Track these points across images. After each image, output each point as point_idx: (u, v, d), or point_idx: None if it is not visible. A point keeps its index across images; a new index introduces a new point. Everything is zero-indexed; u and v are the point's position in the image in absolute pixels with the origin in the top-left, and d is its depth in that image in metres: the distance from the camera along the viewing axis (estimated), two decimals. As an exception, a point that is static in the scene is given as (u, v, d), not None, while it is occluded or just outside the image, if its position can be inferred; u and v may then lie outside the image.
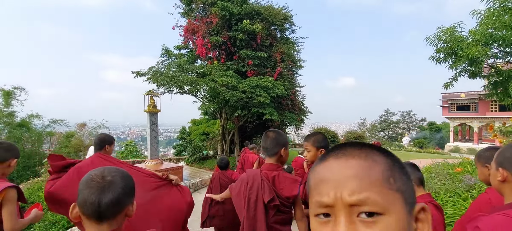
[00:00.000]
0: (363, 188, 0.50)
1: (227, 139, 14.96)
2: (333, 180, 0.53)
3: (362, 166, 0.53)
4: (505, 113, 30.83)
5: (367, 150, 0.57)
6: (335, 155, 0.58)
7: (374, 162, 0.54)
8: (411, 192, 0.55)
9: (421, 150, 34.72)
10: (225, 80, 11.33)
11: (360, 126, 50.71)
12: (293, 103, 14.33)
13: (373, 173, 0.52)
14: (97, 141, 2.86)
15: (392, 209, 0.50)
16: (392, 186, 0.52)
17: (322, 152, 2.15)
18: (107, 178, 1.09)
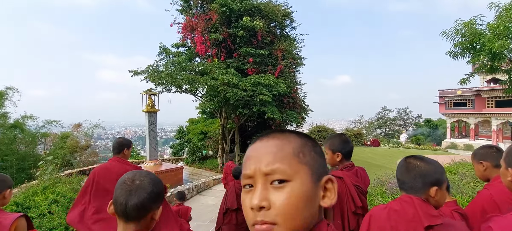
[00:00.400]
0: (276, 160, 0.62)
1: (228, 139, 14.63)
2: (255, 157, 0.66)
3: (277, 144, 0.66)
4: (501, 109, 30.97)
5: (286, 133, 0.70)
6: (261, 138, 0.70)
7: (289, 141, 0.67)
8: (319, 166, 0.67)
9: (418, 146, 34.81)
10: (226, 79, 10.99)
11: (357, 123, 50.71)
12: (294, 101, 14.05)
13: (285, 149, 0.65)
14: (116, 145, 2.85)
15: (298, 177, 0.62)
16: (301, 159, 0.64)
17: (339, 156, 2.12)
18: (136, 182, 1.16)
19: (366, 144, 33.09)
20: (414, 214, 1.33)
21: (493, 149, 1.96)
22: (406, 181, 1.44)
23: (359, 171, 2.21)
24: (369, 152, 27.97)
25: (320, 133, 30.05)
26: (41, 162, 8.56)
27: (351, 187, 2.02)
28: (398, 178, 1.48)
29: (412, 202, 1.37)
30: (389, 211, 1.42)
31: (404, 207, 1.39)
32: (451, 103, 36.07)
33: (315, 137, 30.23)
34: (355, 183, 2.06)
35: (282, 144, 0.66)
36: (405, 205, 1.39)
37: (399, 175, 1.47)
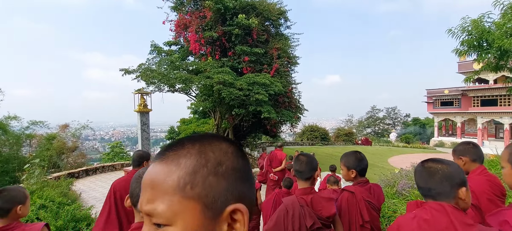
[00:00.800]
0: (154, 197, 0.50)
1: (222, 139, 14.33)
2: (142, 186, 0.54)
3: (162, 171, 0.52)
4: (486, 108, 31.79)
5: (182, 151, 0.54)
6: (158, 155, 0.57)
7: (177, 165, 0.52)
8: (219, 194, 0.52)
9: (408, 145, 35.41)
10: (222, 77, 10.70)
11: (348, 123, 51.19)
12: (289, 101, 13.89)
13: (168, 180, 0.51)
14: (136, 157, 2.89)
15: (180, 220, 0.49)
16: (187, 193, 0.50)
17: (353, 173, 2.21)
18: None
19: (357, 143, 33.39)
20: (448, 223, 1.24)
21: (470, 145, 2.10)
22: (432, 187, 1.32)
23: (373, 188, 2.29)
24: (361, 151, 28.24)
25: (312, 132, 30.13)
26: (28, 164, 8.07)
27: (361, 201, 2.11)
28: (421, 185, 1.36)
29: (444, 210, 1.27)
30: (418, 221, 1.31)
31: (435, 216, 1.28)
32: (439, 103, 36.82)
33: (307, 136, 30.27)
34: (367, 199, 2.15)
35: (167, 170, 0.52)
36: (436, 214, 1.28)
37: (421, 182, 1.36)
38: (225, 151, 0.56)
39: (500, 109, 30.50)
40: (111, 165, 14.91)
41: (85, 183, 12.27)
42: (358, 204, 2.13)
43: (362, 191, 2.17)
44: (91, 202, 9.35)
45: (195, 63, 12.43)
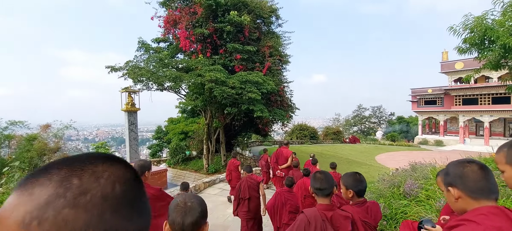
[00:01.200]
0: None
1: (213, 138, 13.97)
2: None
3: (11, 204, 0.43)
4: (467, 107, 32.83)
5: (42, 179, 0.44)
6: (17, 185, 0.47)
7: (29, 197, 0.43)
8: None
9: (393, 143, 36.11)
10: (214, 75, 10.36)
11: (335, 121, 51.73)
12: (282, 99, 13.70)
13: (14, 216, 0.41)
14: (138, 168, 2.81)
15: None
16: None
17: (351, 193, 2.27)
18: (188, 204, 1.38)
19: (345, 142, 33.73)
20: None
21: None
22: (492, 188, 1.18)
23: (370, 207, 2.35)
24: (349, 149, 28.48)
25: (301, 131, 30.16)
26: (7, 168, 7.49)
27: (359, 222, 2.18)
28: (480, 187, 1.16)
29: (503, 213, 1.15)
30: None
31: (503, 221, 1.12)
32: (423, 102, 37.75)
33: (297, 135, 30.28)
34: (364, 219, 2.21)
35: (17, 203, 0.43)
36: (506, 221, 1.12)
37: (481, 183, 1.16)
38: (99, 176, 0.46)
39: (480, 108, 31.57)
40: (97, 167, 14.24)
41: (69, 186, 11.62)
42: (356, 225, 2.20)
43: (359, 212, 2.23)
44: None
45: (185, 61, 12.02)
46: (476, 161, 1.19)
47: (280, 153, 7.06)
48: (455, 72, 34.20)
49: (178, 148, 15.00)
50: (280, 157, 6.97)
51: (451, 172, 1.20)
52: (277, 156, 7.10)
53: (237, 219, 4.96)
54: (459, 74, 34.00)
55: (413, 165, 6.33)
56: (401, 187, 4.19)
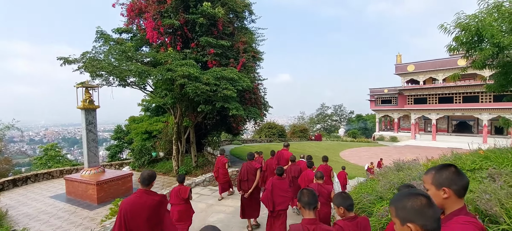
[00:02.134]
0: None
1: (183, 138, 12.96)
2: None
3: None
4: (418, 105, 35.57)
5: None
6: None
7: None
8: None
9: (354, 139, 37.85)
10: (186, 71, 9.45)
11: (300, 119, 52.83)
12: (256, 97, 13.17)
13: None
14: (147, 177, 2.92)
15: None
16: None
17: (342, 210, 2.55)
18: None
19: (311, 139, 34.46)
20: None
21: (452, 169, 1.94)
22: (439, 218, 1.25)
23: (360, 222, 2.55)
24: (315, 146, 29.09)
25: (270, 129, 30.05)
26: None
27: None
28: (435, 221, 1.18)
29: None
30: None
31: None
32: (380, 101, 40.13)
33: (265, 133, 30.10)
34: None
35: None
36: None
37: (435, 217, 1.18)
38: None
39: (429, 107, 34.43)
40: (47, 173, 12.36)
41: (13, 196, 9.83)
42: None
43: (349, 226, 2.47)
44: (23, 222, 7.35)
45: (152, 54, 10.87)
46: (424, 194, 1.22)
47: (281, 155, 7.20)
48: (408, 74, 36.83)
49: (143, 149, 13.68)
50: (281, 159, 7.09)
51: (407, 207, 1.19)
52: (278, 157, 7.21)
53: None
54: (411, 76, 36.73)
55: (398, 162, 6.26)
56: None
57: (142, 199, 2.82)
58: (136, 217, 2.74)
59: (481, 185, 3.16)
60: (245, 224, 5.58)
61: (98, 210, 8.46)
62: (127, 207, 2.73)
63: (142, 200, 2.82)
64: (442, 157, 5.66)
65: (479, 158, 4.32)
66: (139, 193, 2.88)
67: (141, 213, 2.76)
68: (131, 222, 2.71)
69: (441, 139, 34.38)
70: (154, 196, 2.93)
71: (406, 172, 4.81)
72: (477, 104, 31.01)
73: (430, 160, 6.31)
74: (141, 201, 2.80)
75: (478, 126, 34.61)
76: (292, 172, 6.03)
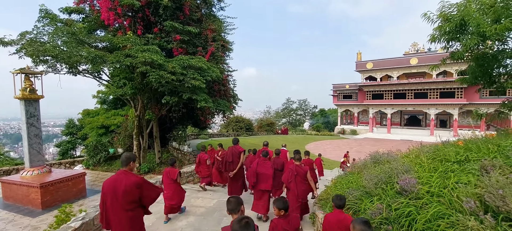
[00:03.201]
0: None
1: (145, 133, 11.79)
2: None
3: None
4: (375, 101, 37.57)
5: None
6: None
7: None
8: None
9: (318, 133, 38.93)
10: (149, 57, 8.40)
11: (266, 114, 52.97)
12: (225, 89, 12.43)
13: None
14: (124, 159, 3.24)
15: None
16: None
17: (282, 212, 3.04)
18: None
19: (277, 133, 34.60)
20: None
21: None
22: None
23: (291, 218, 3.12)
24: (282, 140, 29.18)
25: (237, 123, 29.44)
26: None
27: (281, 229, 3.05)
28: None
29: None
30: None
31: None
32: (342, 96, 41.69)
33: (233, 127, 29.42)
34: (285, 227, 3.04)
35: None
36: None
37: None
38: None
39: (385, 102, 36.57)
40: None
41: None
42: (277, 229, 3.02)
43: (282, 222, 3.02)
44: None
45: (108, 38, 9.54)
46: None
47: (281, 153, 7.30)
48: (367, 71, 38.70)
49: (99, 145, 12.18)
50: (281, 156, 7.24)
51: None
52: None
53: None
54: (370, 73, 38.65)
55: (374, 155, 6.10)
56: (394, 183, 3.65)
57: (119, 178, 3.10)
58: (111, 193, 3.07)
59: (481, 178, 2.96)
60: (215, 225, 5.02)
61: (42, 217, 7.17)
62: (106, 184, 3.12)
63: (119, 178, 3.09)
64: (414, 149, 5.59)
65: (461, 149, 4.23)
66: (119, 172, 3.16)
67: (117, 190, 3.05)
68: (106, 196, 3.10)
69: (395, 132, 36.79)
70: (132, 177, 3.16)
71: (390, 164, 4.59)
72: (426, 100, 33.63)
73: (403, 152, 6.26)
74: (118, 179, 3.09)
75: (426, 119, 37.69)
76: (276, 165, 5.97)
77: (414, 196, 3.33)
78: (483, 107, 32.08)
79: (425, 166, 4.08)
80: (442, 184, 3.35)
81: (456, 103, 31.82)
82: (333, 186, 5.37)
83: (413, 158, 4.75)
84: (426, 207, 3.07)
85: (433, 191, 3.26)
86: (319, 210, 4.65)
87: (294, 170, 4.93)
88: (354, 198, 4.05)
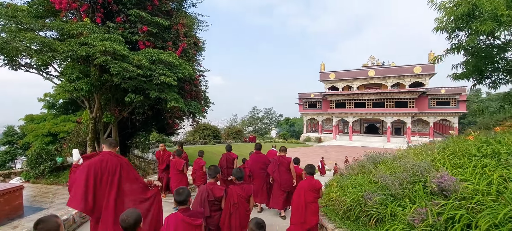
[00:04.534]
0: None
1: (102, 138, 10.08)
2: None
3: None
4: (338, 109, 38.88)
5: None
6: None
7: None
8: None
9: (285, 140, 38.92)
10: (110, 46, 7.03)
11: (232, 122, 51.91)
12: (197, 90, 11.29)
13: None
14: (110, 142, 3.35)
15: None
16: None
17: (237, 181, 3.82)
18: None
19: (245, 140, 33.72)
20: None
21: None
22: None
23: (244, 186, 3.87)
24: (250, 147, 28.41)
25: (204, 131, 27.95)
26: None
27: (235, 194, 3.78)
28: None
29: None
30: None
31: None
32: (307, 104, 42.50)
33: (199, 134, 27.81)
34: (239, 192, 3.74)
35: None
36: None
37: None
38: None
39: (347, 111, 38.02)
40: None
41: None
42: (233, 195, 3.67)
43: (237, 189, 3.70)
44: None
45: (60, 24, 7.91)
46: None
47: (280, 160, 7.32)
48: (330, 81, 40.07)
49: (43, 153, 10.07)
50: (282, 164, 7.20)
51: None
52: (278, 162, 7.25)
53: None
54: (332, 83, 40.08)
55: (371, 155, 5.59)
56: (424, 182, 3.03)
57: (105, 157, 3.14)
58: (97, 170, 3.05)
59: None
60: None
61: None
62: (91, 162, 3.07)
63: (105, 158, 3.13)
64: (422, 146, 5.19)
65: (478, 142, 3.80)
66: (105, 152, 3.23)
67: (104, 170, 3.07)
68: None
69: (356, 139, 38.31)
70: (116, 157, 3.22)
71: (403, 161, 4.02)
72: (383, 109, 35.64)
73: (401, 151, 5.86)
74: (104, 159, 3.12)
75: (383, 127, 39.93)
76: (260, 164, 6.14)
77: (458, 197, 2.72)
78: (430, 116, 34.95)
79: (447, 162, 3.56)
80: (484, 180, 2.82)
81: (409, 112, 34.18)
82: (334, 190, 4.66)
83: (425, 155, 4.24)
84: (478, 208, 2.46)
85: (479, 188, 2.68)
86: (326, 220, 3.88)
87: (278, 160, 5.48)
88: (375, 203, 3.34)
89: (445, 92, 33.56)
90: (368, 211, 3.31)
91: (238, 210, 3.79)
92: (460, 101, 32.98)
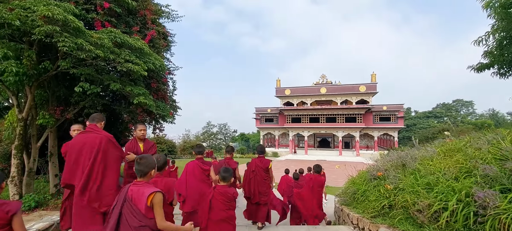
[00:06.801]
0: None
1: (34, 146, 7.48)
2: None
3: None
4: (294, 124, 39.50)
5: None
6: None
7: None
8: None
9: (243, 155, 37.67)
10: (58, 13, 5.08)
11: (185, 137, 48.68)
12: (165, 90, 9.49)
13: None
14: (97, 116, 3.59)
15: None
16: None
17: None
18: None
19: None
20: None
21: None
22: None
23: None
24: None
25: (159, 145, 25.05)
26: None
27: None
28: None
29: None
30: None
31: None
32: (264, 119, 42.29)
33: (153, 149, 24.81)
34: (202, 164, 4.66)
35: None
36: None
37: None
38: None
39: (302, 125, 38.88)
40: None
41: None
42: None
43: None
44: None
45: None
46: None
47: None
48: (285, 97, 40.77)
49: None
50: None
51: None
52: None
53: None
54: (288, 99, 40.83)
55: (400, 154, 4.83)
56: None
57: (90, 133, 3.31)
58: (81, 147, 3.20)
59: None
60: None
61: None
62: (74, 141, 3.33)
63: (90, 134, 3.30)
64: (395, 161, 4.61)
65: None
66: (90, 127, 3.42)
67: (85, 147, 3.19)
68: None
69: (311, 153, 39.16)
70: (100, 132, 3.37)
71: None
72: (335, 124, 37.37)
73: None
74: (90, 136, 3.28)
75: (334, 141, 41.81)
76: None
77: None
78: (375, 131, 37.79)
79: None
80: None
81: (358, 126, 36.46)
82: (398, 193, 3.63)
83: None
84: None
85: None
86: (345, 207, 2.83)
87: (255, 163, 5.53)
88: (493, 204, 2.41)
89: (386, 109, 36.93)
90: (484, 215, 2.39)
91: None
92: (398, 117, 36.61)
